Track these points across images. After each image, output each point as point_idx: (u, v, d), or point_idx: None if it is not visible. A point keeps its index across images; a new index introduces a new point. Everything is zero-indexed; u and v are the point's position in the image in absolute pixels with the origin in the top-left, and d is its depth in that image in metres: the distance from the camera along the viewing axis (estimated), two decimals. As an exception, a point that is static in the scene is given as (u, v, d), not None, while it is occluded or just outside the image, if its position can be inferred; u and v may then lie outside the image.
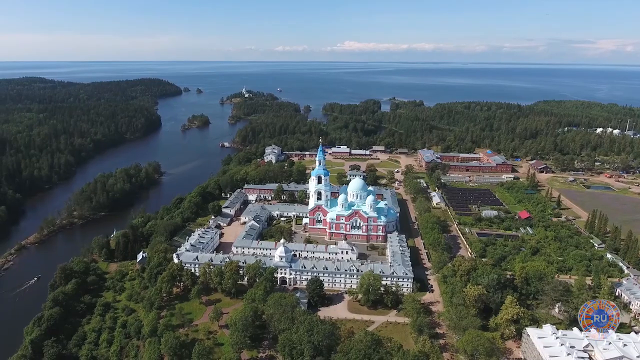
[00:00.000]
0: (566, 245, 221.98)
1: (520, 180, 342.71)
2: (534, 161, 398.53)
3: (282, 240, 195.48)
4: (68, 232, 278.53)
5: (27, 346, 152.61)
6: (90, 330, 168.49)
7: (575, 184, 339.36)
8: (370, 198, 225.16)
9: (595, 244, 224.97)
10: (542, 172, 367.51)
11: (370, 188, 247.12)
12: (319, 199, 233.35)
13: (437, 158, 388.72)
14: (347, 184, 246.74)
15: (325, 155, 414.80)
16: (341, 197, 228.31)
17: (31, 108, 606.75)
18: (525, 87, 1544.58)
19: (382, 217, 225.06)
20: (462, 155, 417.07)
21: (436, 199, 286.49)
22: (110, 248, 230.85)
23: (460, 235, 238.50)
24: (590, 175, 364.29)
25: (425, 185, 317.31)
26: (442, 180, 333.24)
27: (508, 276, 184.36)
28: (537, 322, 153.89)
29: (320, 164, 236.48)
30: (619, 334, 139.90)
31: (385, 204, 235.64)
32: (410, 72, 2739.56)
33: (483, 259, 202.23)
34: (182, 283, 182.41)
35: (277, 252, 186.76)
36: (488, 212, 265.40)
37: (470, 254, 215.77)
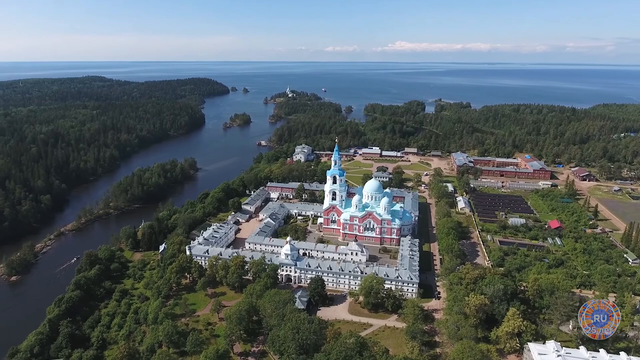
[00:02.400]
0: (595, 258, 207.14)
1: (559, 187, 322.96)
2: (576, 168, 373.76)
3: (288, 238, 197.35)
4: (104, 222, 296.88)
5: (46, 324, 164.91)
6: (105, 314, 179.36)
7: (620, 194, 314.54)
8: (385, 200, 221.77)
9: (629, 259, 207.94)
10: (584, 179, 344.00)
11: (387, 190, 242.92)
12: (333, 199, 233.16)
13: (469, 162, 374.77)
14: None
15: (354, 155, 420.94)
16: (355, 198, 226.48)
17: (87, 105, 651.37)
18: (586, 90, 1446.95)
19: (397, 220, 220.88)
20: (498, 159, 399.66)
21: (461, 203, 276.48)
22: (136, 238, 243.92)
23: (481, 242, 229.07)
24: (639, 185, 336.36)
25: (452, 189, 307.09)
26: (472, 185, 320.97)
27: (522, 288, 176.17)
28: (544, 338, 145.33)
29: (335, 164, 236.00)
30: (632, 357, 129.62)
31: (401, 207, 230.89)
32: (463, 73, 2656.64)
33: (500, 268, 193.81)
34: (190, 275, 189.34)
35: (283, 250, 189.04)
36: (515, 220, 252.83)
37: (488, 262, 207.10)
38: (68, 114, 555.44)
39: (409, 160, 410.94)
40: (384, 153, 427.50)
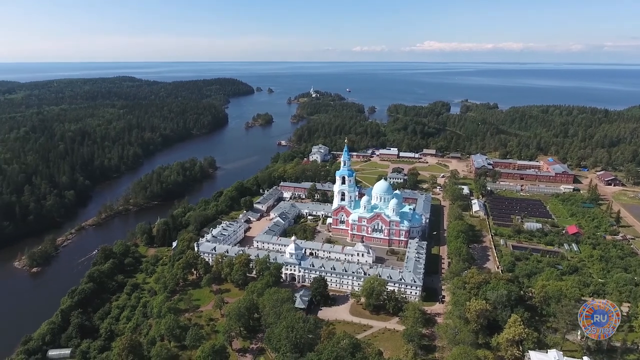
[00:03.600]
0: (612, 266, 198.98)
1: (581, 192, 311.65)
2: (602, 172, 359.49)
3: (293, 238, 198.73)
4: (123, 217, 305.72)
5: (58, 315, 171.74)
6: (116, 306, 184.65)
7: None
8: (394, 201, 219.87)
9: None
10: (609, 184, 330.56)
11: (397, 191, 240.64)
12: (342, 199, 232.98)
13: (488, 164, 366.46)
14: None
15: (371, 156, 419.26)
16: (364, 199, 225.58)
17: (115, 104, 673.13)
18: (623, 90, 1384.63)
19: (405, 222, 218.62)
20: (519, 162, 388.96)
21: (476, 206, 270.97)
22: (151, 234, 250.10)
23: (492, 246, 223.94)
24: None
25: (468, 192, 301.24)
26: (489, 188, 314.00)
27: (530, 294, 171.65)
28: (548, 346, 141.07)
29: (344, 164, 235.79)
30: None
31: (410, 209, 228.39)
32: (493, 74, 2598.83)
33: (507, 274, 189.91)
34: (196, 271, 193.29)
35: (287, 249, 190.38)
36: (531, 225, 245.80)
37: (498, 267, 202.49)
38: (96, 113, 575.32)
39: (427, 162, 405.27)
40: (402, 154, 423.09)
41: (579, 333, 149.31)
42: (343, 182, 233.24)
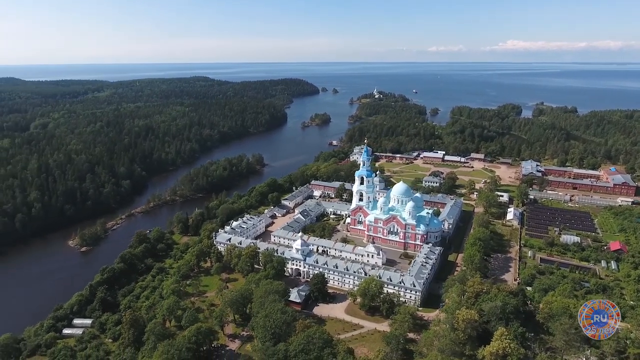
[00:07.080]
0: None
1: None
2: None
3: (299, 234, 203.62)
4: (169, 207, 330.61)
5: (87, 289, 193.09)
6: (139, 286, 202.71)
7: None
8: (410, 204, 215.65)
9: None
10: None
11: (417, 195, 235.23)
12: (360, 199, 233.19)
13: (537, 171, 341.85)
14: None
15: (415, 158, 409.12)
16: (381, 201, 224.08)
17: (184, 103, 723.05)
18: None
19: (422, 226, 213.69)
20: (576, 170, 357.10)
21: (510, 215, 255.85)
22: (187, 224, 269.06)
23: (517, 258, 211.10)
24: None
25: (507, 199, 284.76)
26: (532, 197, 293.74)
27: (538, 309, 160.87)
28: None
29: (364, 164, 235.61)
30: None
31: (429, 213, 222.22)
32: (580, 75, 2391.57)
33: (528, 287, 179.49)
34: (209, 259, 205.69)
35: (294, 245, 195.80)
36: (568, 238, 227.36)
37: (515, 279, 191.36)
38: (165, 110, 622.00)
39: (472, 167, 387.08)
40: (447, 158, 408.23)
41: (584, 356, 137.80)
42: (362, 183, 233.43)
